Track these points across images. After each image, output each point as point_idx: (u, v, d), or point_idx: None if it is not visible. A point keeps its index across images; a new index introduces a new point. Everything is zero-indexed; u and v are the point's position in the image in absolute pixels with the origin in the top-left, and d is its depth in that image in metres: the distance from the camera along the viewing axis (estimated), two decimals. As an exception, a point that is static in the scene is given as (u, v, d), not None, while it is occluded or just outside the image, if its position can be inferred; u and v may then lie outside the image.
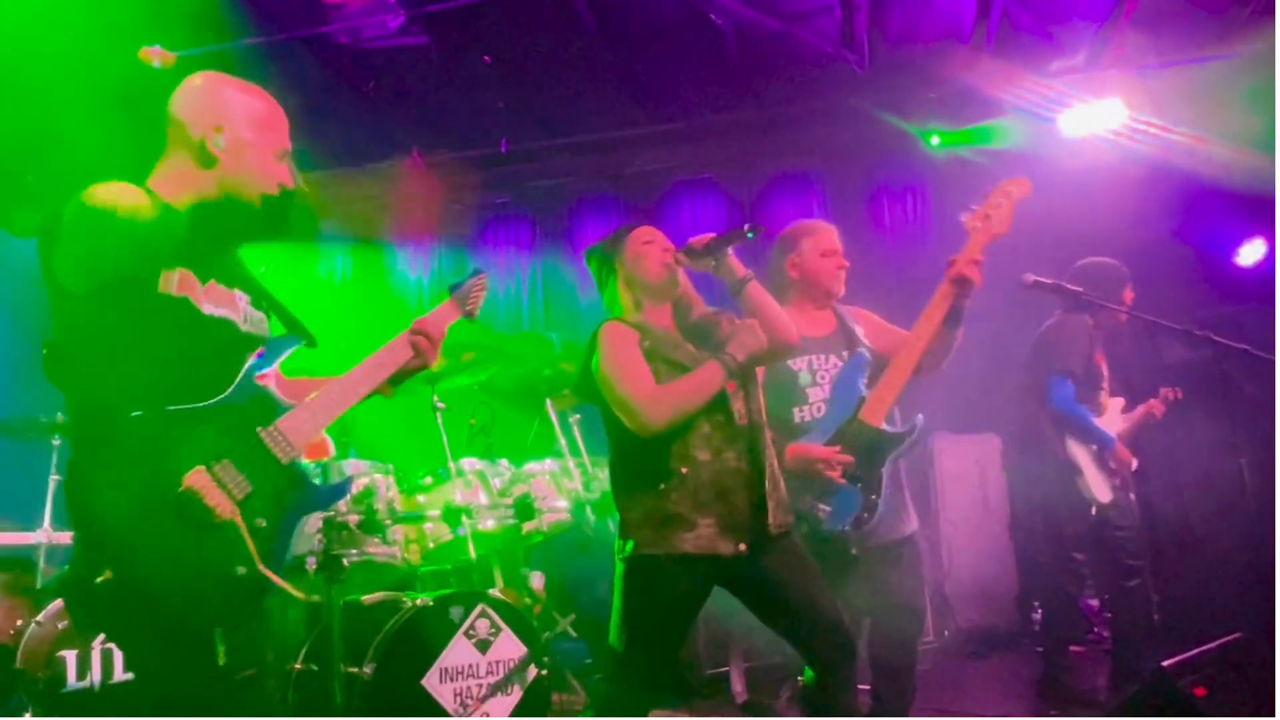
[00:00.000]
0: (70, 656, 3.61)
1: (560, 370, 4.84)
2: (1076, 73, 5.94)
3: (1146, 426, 4.38)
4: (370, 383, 2.13)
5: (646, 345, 2.61)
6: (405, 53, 5.87)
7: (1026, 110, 5.96)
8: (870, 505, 2.95)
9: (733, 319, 2.77)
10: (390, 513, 3.97)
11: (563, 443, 4.64)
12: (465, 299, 2.42)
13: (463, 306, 2.41)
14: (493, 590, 3.79)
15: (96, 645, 3.62)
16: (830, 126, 6.61)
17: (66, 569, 3.83)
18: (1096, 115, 5.73)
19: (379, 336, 2.23)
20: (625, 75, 6.19)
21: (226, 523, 1.82)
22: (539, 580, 4.13)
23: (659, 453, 2.54)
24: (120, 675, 3.62)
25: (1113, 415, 4.26)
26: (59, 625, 3.64)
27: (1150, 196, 5.50)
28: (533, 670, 3.58)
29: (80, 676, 3.60)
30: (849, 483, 2.94)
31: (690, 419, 2.53)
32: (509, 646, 3.55)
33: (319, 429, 2.04)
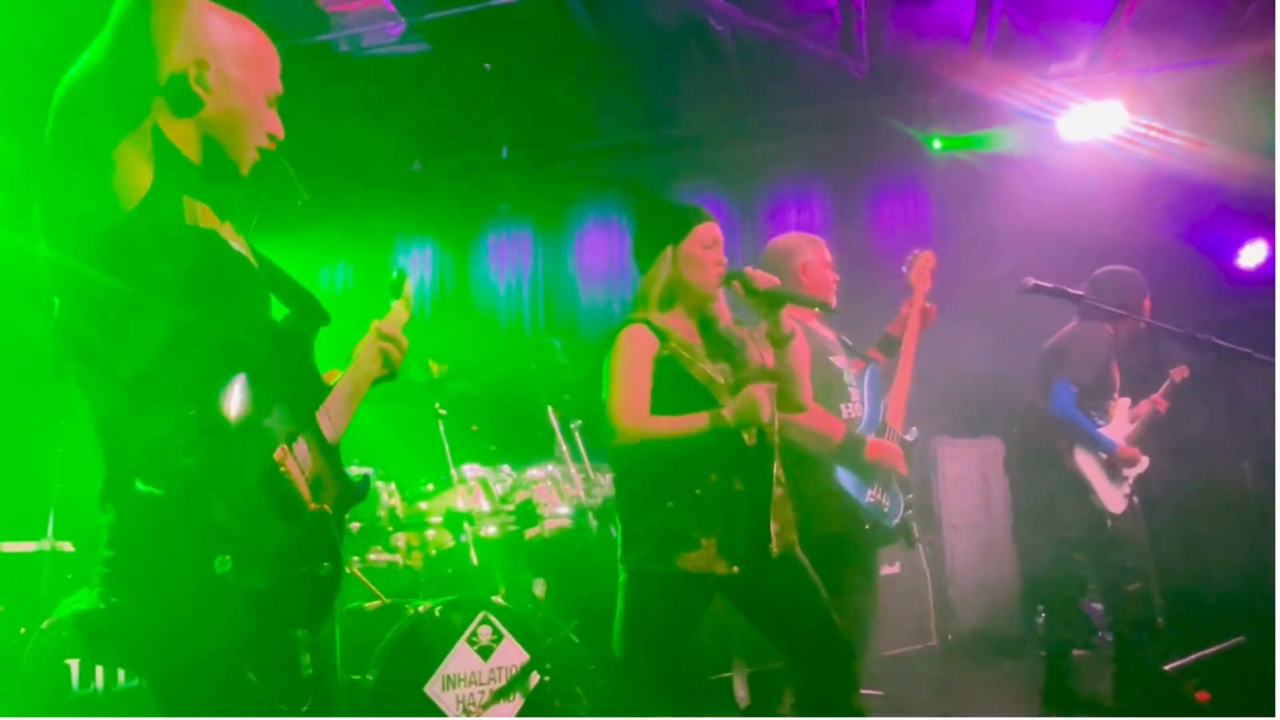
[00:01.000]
0: (74, 665, 3.61)
1: (562, 376, 4.84)
2: (1076, 75, 5.94)
3: (1154, 426, 4.35)
4: (362, 391, 1.98)
5: (664, 354, 2.58)
6: (406, 60, 5.91)
7: (1026, 113, 5.97)
8: (909, 503, 3.25)
9: (757, 342, 2.73)
10: (392, 519, 3.98)
11: (564, 448, 4.64)
12: (409, 300, 2.29)
13: (409, 308, 2.26)
14: (495, 597, 3.80)
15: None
16: (830, 131, 6.62)
17: (81, 597, 3.83)
18: (1096, 118, 5.73)
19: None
20: (625, 81, 6.21)
21: (315, 513, 1.64)
22: (541, 586, 4.13)
23: (671, 470, 2.52)
24: (124, 682, 3.63)
25: (1120, 418, 4.23)
26: (63, 633, 3.64)
27: (1150, 199, 5.50)
28: (535, 676, 3.58)
29: (84, 683, 3.61)
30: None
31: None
32: (511, 653, 3.55)
33: (346, 423, 1.91)
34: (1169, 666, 2.79)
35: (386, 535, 3.93)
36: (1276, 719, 2.76)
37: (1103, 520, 4.01)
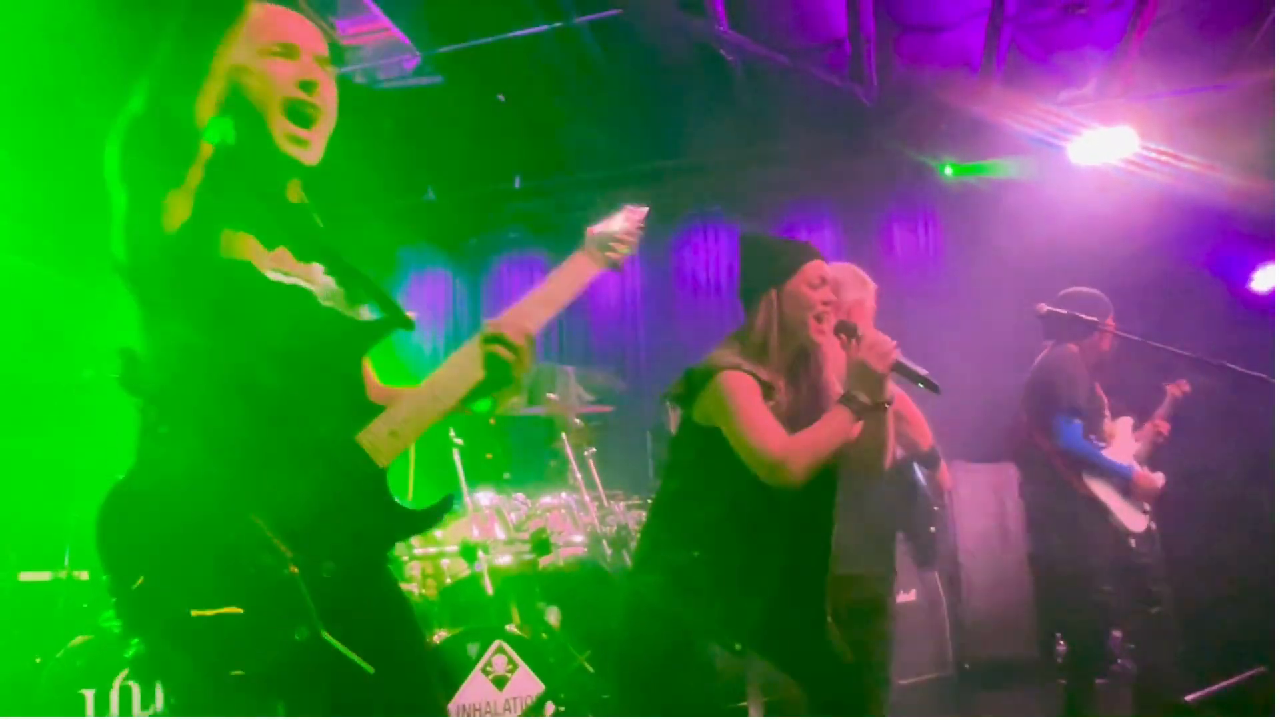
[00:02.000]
0: (89, 695, 3.62)
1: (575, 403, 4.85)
2: (1086, 102, 5.96)
3: (1161, 446, 4.34)
4: (443, 403, 1.77)
5: (770, 404, 2.45)
6: (420, 91, 5.98)
7: (1037, 139, 5.98)
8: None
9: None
10: (407, 548, 3.98)
11: (578, 477, 4.64)
12: (605, 243, 2.02)
13: (601, 257, 1.99)
14: (509, 626, 3.78)
15: (116, 683, 3.63)
16: (841, 158, 6.65)
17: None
18: (1107, 143, 5.74)
19: (396, 373, 2.08)
20: (636, 111, 6.27)
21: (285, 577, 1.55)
22: (555, 615, 4.12)
23: (705, 515, 2.45)
24: (139, 712, 3.63)
25: (1124, 438, 4.22)
26: (78, 662, 3.65)
27: (1162, 224, 5.50)
28: (550, 706, 3.56)
29: (99, 712, 3.60)
30: None
31: None
32: (526, 683, 3.54)
33: (408, 440, 1.73)
34: (1190, 697, 2.75)
35: (401, 564, 3.93)
36: (1277, 719, 2.72)
37: (1125, 542, 3.99)
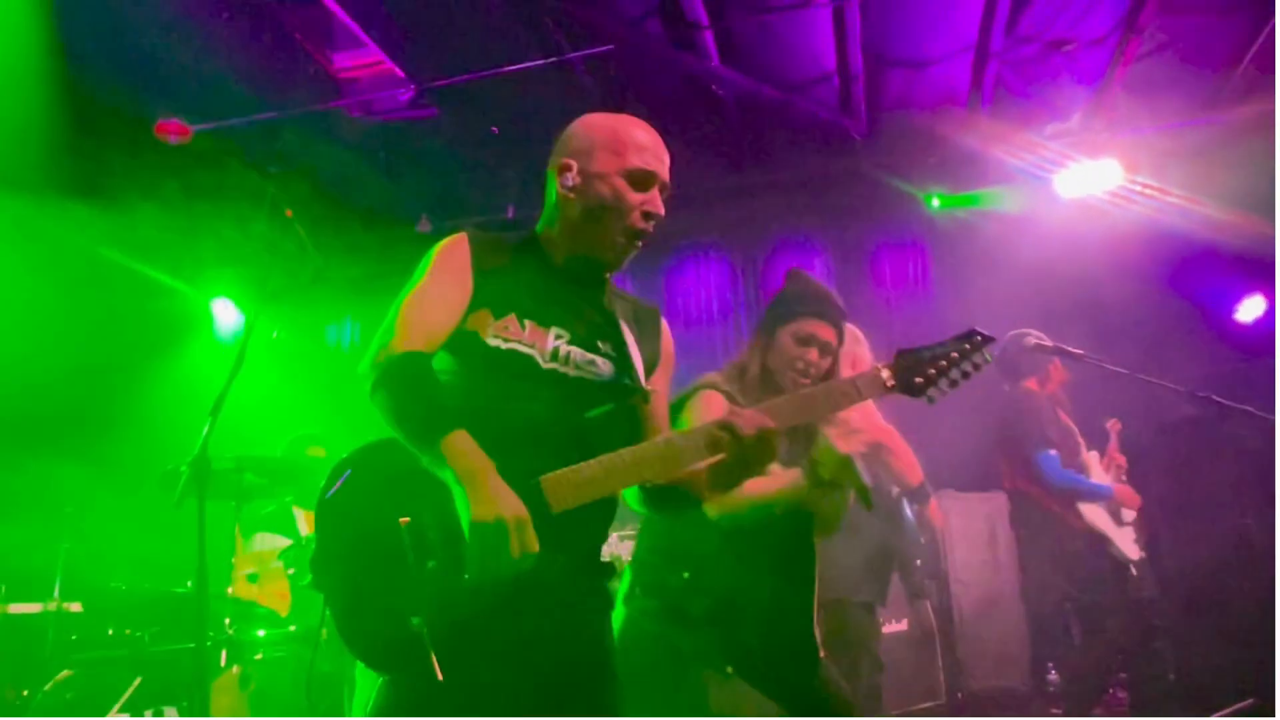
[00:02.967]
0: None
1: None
2: (1071, 135, 6.05)
3: (1121, 478, 4.39)
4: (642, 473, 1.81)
5: None
6: (416, 124, 6.04)
7: (1023, 171, 6.06)
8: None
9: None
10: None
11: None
12: (912, 370, 1.99)
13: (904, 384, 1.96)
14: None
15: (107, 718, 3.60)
16: (831, 190, 6.72)
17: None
18: (1093, 176, 5.82)
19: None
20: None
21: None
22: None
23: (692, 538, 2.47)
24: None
25: (1097, 471, 4.27)
26: (66, 695, 3.63)
27: (1147, 255, 5.57)
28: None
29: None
30: None
31: None
32: None
33: (577, 500, 1.77)
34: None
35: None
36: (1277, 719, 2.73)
37: (1126, 574, 4.01)
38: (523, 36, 5.28)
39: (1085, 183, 5.86)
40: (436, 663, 1.67)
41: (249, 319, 3.99)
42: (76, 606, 4.07)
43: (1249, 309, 5.65)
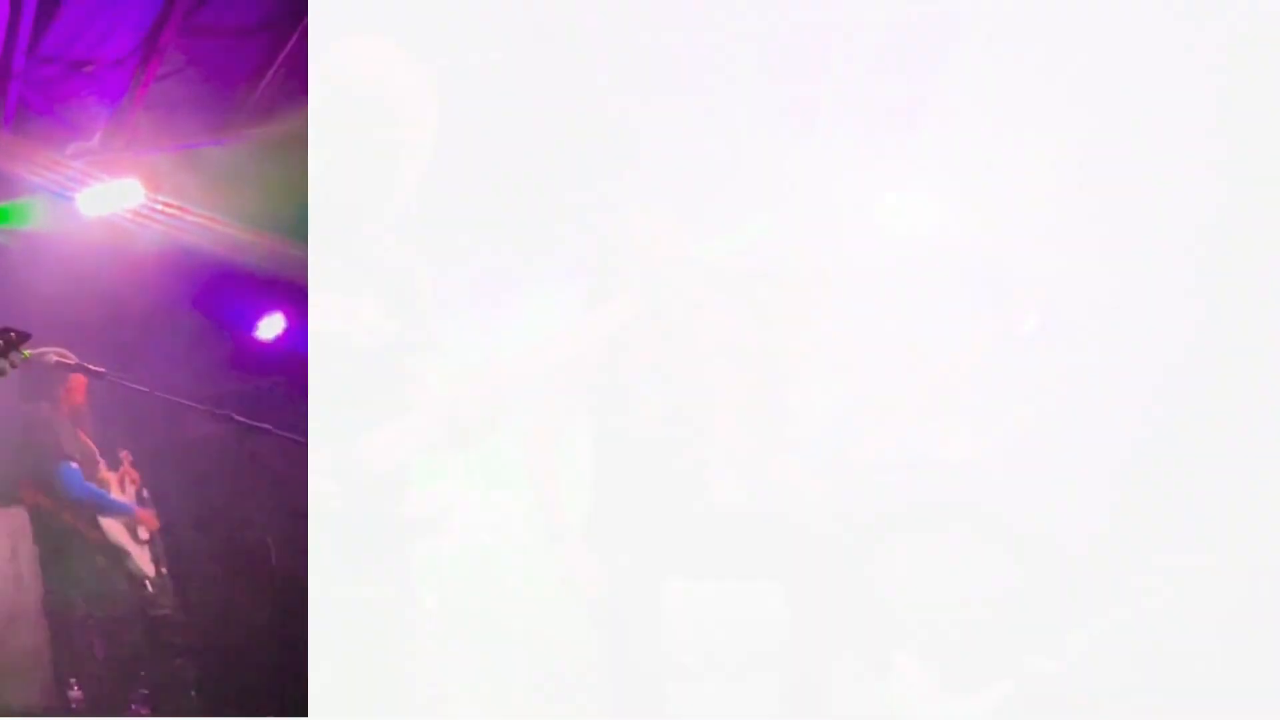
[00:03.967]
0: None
1: None
2: (93, 154, 5.85)
3: (140, 494, 4.57)
4: None
5: None
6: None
7: (46, 190, 5.69)
8: None
9: None
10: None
11: None
12: None
13: None
14: None
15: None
16: None
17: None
18: (114, 195, 5.73)
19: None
20: None
21: None
22: None
23: None
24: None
25: (116, 489, 4.39)
26: None
27: (170, 274, 5.71)
28: None
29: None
30: None
31: None
32: None
33: None
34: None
35: None
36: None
37: (143, 589, 4.09)
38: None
39: (107, 201, 5.75)
40: None
41: None
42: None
43: (269, 327, 6.16)
